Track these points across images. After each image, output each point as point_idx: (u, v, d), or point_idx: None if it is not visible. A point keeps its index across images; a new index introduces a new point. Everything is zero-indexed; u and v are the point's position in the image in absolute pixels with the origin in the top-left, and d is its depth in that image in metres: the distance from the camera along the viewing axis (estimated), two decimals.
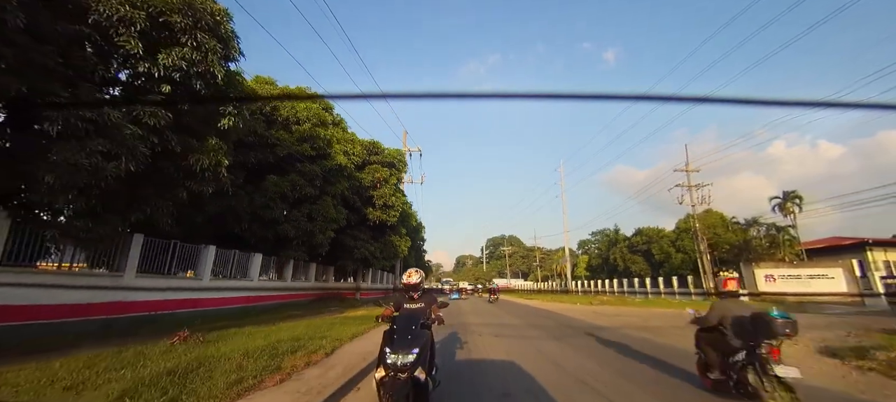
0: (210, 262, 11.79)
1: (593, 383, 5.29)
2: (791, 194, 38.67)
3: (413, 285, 4.31)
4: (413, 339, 3.56)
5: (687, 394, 4.83)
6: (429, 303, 4.25)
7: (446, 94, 1.31)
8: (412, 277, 4.36)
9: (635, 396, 4.76)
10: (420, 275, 4.43)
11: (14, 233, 6.62)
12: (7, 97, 5.24)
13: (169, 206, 8.15)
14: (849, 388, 5.24)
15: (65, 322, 7.58)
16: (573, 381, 5.41)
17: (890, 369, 6.13)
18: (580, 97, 1.29)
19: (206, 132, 8.30)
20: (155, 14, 6.42)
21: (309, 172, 15.44)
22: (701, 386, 4.93)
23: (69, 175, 5.93)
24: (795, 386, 3.70)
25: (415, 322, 3.75)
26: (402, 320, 3.80)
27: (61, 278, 7.69)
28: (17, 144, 5.95)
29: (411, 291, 4.31)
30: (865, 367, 6.31)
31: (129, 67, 6.72)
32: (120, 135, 6.32)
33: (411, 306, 4.19)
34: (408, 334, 3.61)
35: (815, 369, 6.29)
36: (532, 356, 7.21)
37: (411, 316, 3.87)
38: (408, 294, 4.33)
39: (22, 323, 6.87)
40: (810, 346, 8.32)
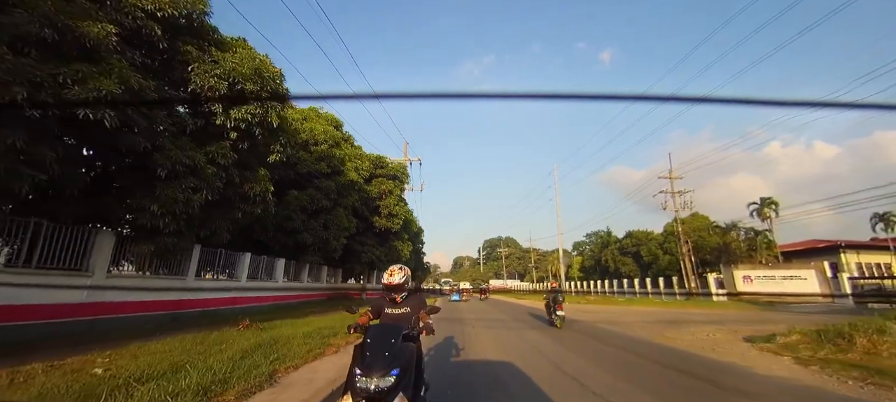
0: (246, 266, 13.92)
1: (545, 351, 7.52)
2: (767, 201, 41.20)
3: (395, 285, 3.53)
4: (392, 356, 2.79)
5: (576, 337, 7.03)
6: (415, 308, 3.55)
7: (442, 94, 1.31)
8: (394, 275, 3.57)
9: (566, 356, 6.99)
10: (404, 273, 3.62)
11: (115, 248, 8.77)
12: (137, 152, 7.38)
13: (227, 224, 10.28)
14: (745, 361, 7.43)
15: (146, 316, 9.69)
16: (531, 350, 7.64)
17: (782, 349, 8.37)
18: (577, 97, 1.25)
19: (258, 165, 10.46)
20: (233, 82, 8.57)
21: (325, 187, 17.58)
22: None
23: (169, 205, 8.07)
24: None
25: (395, 334, 3.00)
26: (379, 331, 3.06)
27: (145, 281, 9.81)
28: (132, 183, 8.06)
29: (393, 292, 3.56)
30: (765, 348, 8.54)
31: (210, 119, 8.85)
32: (204, 173, 8.48)
33: (393, 311, 3.55)
34: (385, 349, 2.85)
35: (730, 350, 8.45)
36: (511, 339, 9.40)
37: (391, 326, 3.19)
38: (389, 297, 3.61)
39: (121, 316, 8.98)
40: (737, 335, 10.55)
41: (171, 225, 8.45)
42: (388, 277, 3.57)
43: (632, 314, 18.71)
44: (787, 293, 32.73)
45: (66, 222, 7.67)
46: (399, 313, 3.53)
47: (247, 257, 13.97)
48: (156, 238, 8.52)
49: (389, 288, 3.54)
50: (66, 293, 7.72)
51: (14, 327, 6.73)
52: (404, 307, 3.56)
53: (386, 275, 3.62)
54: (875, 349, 7.38)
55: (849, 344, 7.67)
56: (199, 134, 8.77)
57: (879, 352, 7.27)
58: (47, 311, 7.33)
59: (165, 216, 8.18)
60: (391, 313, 3.55)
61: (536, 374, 5.83)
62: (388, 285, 3.54)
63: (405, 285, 3.58)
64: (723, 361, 7.29)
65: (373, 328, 3.10)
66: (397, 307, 3.57)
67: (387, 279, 3.57)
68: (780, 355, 7.88)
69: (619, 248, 62.09)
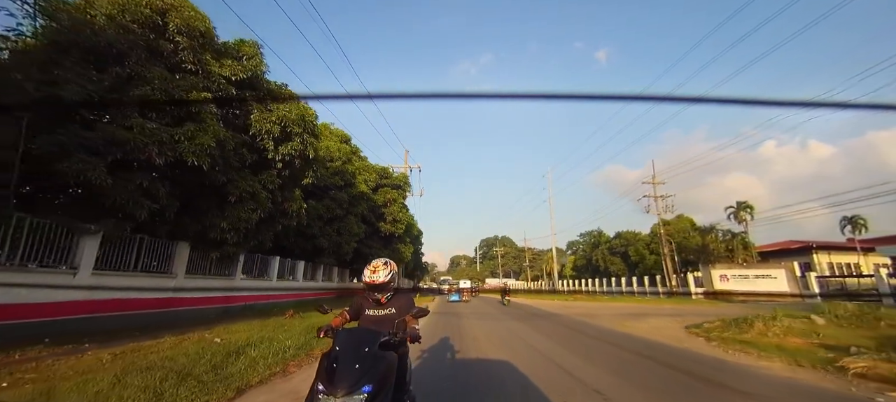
0: (276, 268, 16.34)
1: (521, 334, 10.05)
2: (743, 204, 44.11)
3: (379, 284, 2.96)
4: (364, 368, 2.30)
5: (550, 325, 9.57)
6: (401, 310, 3.06)
7: (440, 94, 1.20)
8: (378, 271, 2.98)
9: (536, 338, 9.51)
10: (390, 269, 3.04)
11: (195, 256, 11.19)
12: (217, 185, 9.80)
13: (270, 235, 12.72)
14: (670, 340, 9.98)
15: (208, 308, 12.10)
16: (509, 334, 10.15)
17: (704, 332, 10.92)
18: (575, 97, 1.20)
19: (294, 187, 12.89)
20: (284, 126, 10.99)
21: (339, 198, 19.99)
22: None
23: (235, 222, 10.50)
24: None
25: (369, 341, 2.50)
26: (350, 337, 2.54)
27: (208, 281, 12.22)
28: (208, 206, 10.47)
29: (377, 292, 3.03)
30: (692, 332, 11.10)
31: (263, 154, 11.28)
32: (258, 197, 10.92)
33: (375, 313, 3.07)
34: (356, 359, 2.35)
35: (667, 334, 10.98)
36: (498, 328, 11.92)
37: (364, 331, 2.74)
38: (371, 297, 3.07)
39: (193, 308, 11.38)
40: (682, 324, 13.12)
41: (234, 238, 10.89)
42: (371, 273, 2.95)
43: (608, 309, 21.33)
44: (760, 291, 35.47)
45: (160, 237, 10.07)
46: (381, 315, 3.03)
47: (277, 260, 16.38)
48: (222, 247, 10.97)
49: (372, 287, 2.96)
50: (160, 292, 10.15)
51: (134, 315, 9.16)
52: (388, 309, 3.05)
53: (367, 271, 2.98)
54: (766, 332, 9.97)
55: (749, 328, 10.27)
56: (255, 166, 11.19)
57: (767, 334, 9.86)
58: (150, 303, 9.75)
59: (231, 231, 10.61)
60: (372, 316, 3.05)
61: (504, 341, 8.34)
62: (371, 284, 2.94)
63: (391, 284, 3.01)
64: (653, 339, 9.86)
65: (343, 334, 2.55)
66: (380, 309, 3.06)
67: (369, 277, 2.94)
68: (699, 336, 10.46)
69: (608, 248, 64.84)
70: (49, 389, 4.13)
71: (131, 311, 9.23)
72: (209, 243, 10.87)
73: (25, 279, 7.15)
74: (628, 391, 5.09)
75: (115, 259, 9.00)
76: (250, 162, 11.01)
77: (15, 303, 6.92)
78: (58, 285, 7.66)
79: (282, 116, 10.95)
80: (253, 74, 10.67)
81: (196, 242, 10.93)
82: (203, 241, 10.92)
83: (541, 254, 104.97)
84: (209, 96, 8.90)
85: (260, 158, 11.33)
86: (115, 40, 8.27)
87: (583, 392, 4.94)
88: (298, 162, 11.97)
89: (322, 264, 21.31)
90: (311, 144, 11.77)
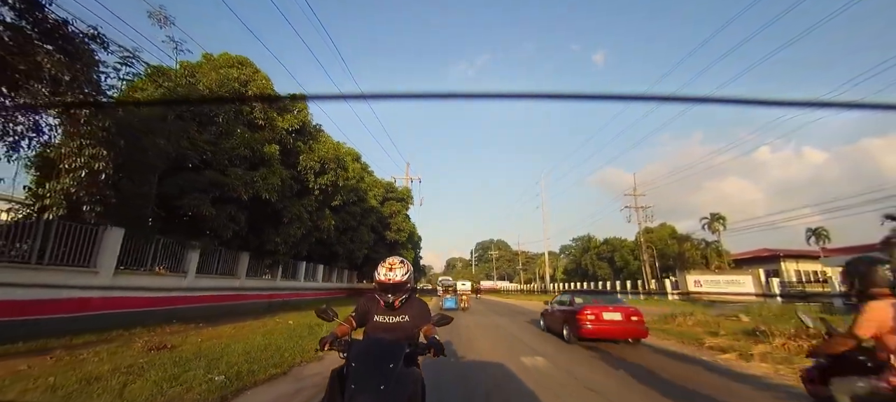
0: (303, 271, 19.63)
1: (503, 325, 13.43)
2: (716, 216, 47.95)
3: (395, 284, 2.48)
4: (390, 391, 1.86)
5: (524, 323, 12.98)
6: (418, 317, 2.55)
7: (437, 94, 1.20)
8: (395, 269, 2.52)
9: (514, 329, 12.88)
10: (406, 269, 2.58)
11: (251, 263, 14.49)
12: (277, 209, 13.10)
13: (306, 246, 16.03)
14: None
15: (259, 302, 15.35)
16: (493, 325, 13.54)
17: (659, 327, 14.35)
18: (572, 97, 1.19)
19: (326, 207, 16.22)
20: (323, 162, 14.31)
21: (353, 211, 23.28)
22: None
23: (286, 237, 13.81)
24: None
25: (393, 355, 2.02)
26: (368, 350, 2.07)
27: (258, 282, 15.48)
28: (265, 225, 13.76)
29: (391, 293, 2.51)
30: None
31: (305, 184, 14.61)
32: (302, 218, 14.23)
33: (386, 320, 2.53)
34: (378, 379, 1.89)
35: None
36: (484, 322, 15.29)
37: (386, 344, 2.15)
38: (382, 300, 2.54)
39: (249, 301, 14.62)
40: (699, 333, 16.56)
41: (283, 249, 14.21)
42: (386, 271, 2.50)
43: None
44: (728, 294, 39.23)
45: (230, 248, 13.36)
46: (394, 322, 2.51)
47: (303, 265, 19.66)
48: (274, 256, 14.27)
49: (386, 287, 2.49)
50: (230, 290, 13.43)
51: (216, 306, 12.44)
52: (401, 315, 2.54)
53: (382, 269, 2.53)
54: (683, 324, 13.42)
55: (672, 320, 13.74)
56: (299, 193, 14.52)
57: (686, 324, 13.30)
58: (224, 298, 13.03)
59: (282, 244, 13.93)
60: (382, 323, 2.52)
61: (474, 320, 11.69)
62: (386, 284, 2.48)
63: (407, 285, 2.56)
64: None
65: (359, 347, 2.08)
66: (393, 314, 2.53)
67: (384, 275, 2.49)
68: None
69: (596, 253, 68.54)
70: (225, 344, 7.40)
71: (214, 303, 12.50)
72: (265, 253, 14.18)
73: (155, 283, 10.40)
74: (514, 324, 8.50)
75: (206, 266, 12.27)
76: (296, 191, 14.34)
77: (154, 296, 10.19)
78: (176, 286, 10.93)
79: (321, 156, 14.31)
80: (302, 123, 14.04)
81: (254, 252, 14.22)
82: (260, 251, 14.22)
83: (535, 257, 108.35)
84: (277, 149, 12.23)
85: (302, 187, 14.67)
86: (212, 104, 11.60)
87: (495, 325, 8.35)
88: (331, 189, 15.32)
89: (337, 268, 24.61)
90: (342, 175, 15.14)
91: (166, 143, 10.25)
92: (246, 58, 12.99)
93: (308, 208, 14.56)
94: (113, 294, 8.75)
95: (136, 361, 5.66)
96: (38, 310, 7.30)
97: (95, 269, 8.31)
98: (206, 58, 12.68)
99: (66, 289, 7.77)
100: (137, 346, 6.76)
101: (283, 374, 5.39)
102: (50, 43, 5.94)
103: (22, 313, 7.03)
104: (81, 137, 6.13)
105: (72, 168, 6.07)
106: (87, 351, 6.31)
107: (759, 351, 7.95)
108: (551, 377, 5.91)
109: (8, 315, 6.78)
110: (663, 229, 56.80)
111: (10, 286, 6.79)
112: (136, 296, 9.53)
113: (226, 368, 5.23)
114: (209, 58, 12.71)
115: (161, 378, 4.60)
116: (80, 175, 6.11)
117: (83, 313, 8.09)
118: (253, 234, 13.54)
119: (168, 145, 10.22)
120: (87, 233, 7.97)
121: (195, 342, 7.38)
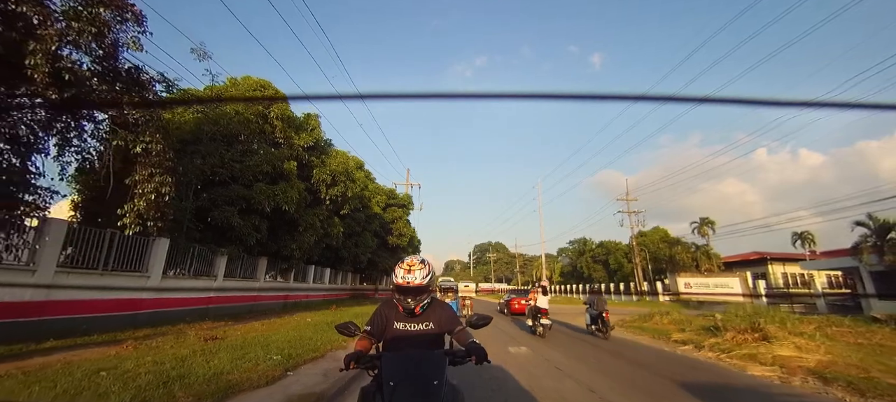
0: (312, 274, 21.05)
1: (494, 322, 14.86)
2: (705, 220, 49.60)
3: (415, 287, 2.21)
4: None
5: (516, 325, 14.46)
6: (442, 324, 2.31)
7: (432, 94, 1.14)
8: (414, 270, 2.24)
9: (503, 325, 14.32)
10: (428, 270, 2.27)
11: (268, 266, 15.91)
12: (295, 219, 14.54)
13: (318, 251, 17.46)
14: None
15: (275, 302, 16.74)
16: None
17: (624, 323, 15.83)
18: (571, 97, 1.16)
19: (335, 216, 17.66)
20: (334, 175, 15.76)
21: (357, 217, 24.70)
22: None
23: (301, 244, 15.24)
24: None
25: (434, 368, 1.87)
26: (405, 366, 1.88)
27: (273, 284, 16.89)
28: (282, 233, 15.18)
29: (411, 297, 2.23)
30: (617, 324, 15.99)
31: (317, 194, 16.06)
32: (314, 227, 15.67)
33: (408, 327, 2.28)
34: (425, 397, 1.75)
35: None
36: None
37: (426, 357, 1.97)
38: (403, 305, 2.25)
39: (266, 302, 16.02)
40: (617, 319, 18.06)
41: (298, 254, 15.64)
42: (404, 273, 2.22)
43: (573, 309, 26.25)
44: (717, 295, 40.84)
45: (251, 254, 14.77)
46: (418, 331, 2.25)
47: (313, 268, 21.08)
48: (289, 261, 15.70)
49: (406, 291, 2.21)
50: (251, 291, 14.84)
51: (239, 306, 13.85)
52: (425, 322, 2.28)
53: (400, 271, 2.25)
54: (662, 322, 14.90)
55: (650, 319, 15.22)
56: (312, 204, 15.96)
57: (662, 323, 14.78)
58: (245, 299, 14.43)
59: (297, 250, 15.36)
60: (404, 332, 2.26)
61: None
62: (405, 286, 2.20)
63: (430, 287, 2.27)
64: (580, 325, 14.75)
65: (393, 362, 1.89)
66: (415, 322, 2.27)
67: (402, 277, 2.21)
68: (620, 326, 15.41)
69: (592, 256, 70.13)
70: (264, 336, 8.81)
71: (239, 303, 13.92)
72: (281, 258, 15.62)
73: (191, 285, 11.80)
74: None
75: (231, 270, 13.68)
76: (310, 201, 15.78)
77: (191, 297, 11.59)
78: (207, 287, 12.34)
79: (332, 170, 15.78)
80: (316, 140, 15.50)
81: (272, 257, 15.65)
82: (277, 256, 15.66)
83: (532, 260, 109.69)
84: (295, 165, 13.69)
85: (315, 198, 16.13)
86: (238, 127, 13.06)
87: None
88: (340, 199, 16.78)
89: (342, 271, 26.01)
90: (350, 187, 16.61)
91: (202, 162, 11.72)
92: (268, 81, 14.45)
93: (320, 217, 15.99)
94: (162, 295, 10.17)
95: (199, 347, 7.08)
96: (105, 308, 8.72)
97: (147, 273, 9.74)
98: (232, 82, 14.14)
99: (126, 291, 9.20)
100: (192, 337, 8.19)
101: (321, 356, 6.82)
102: (125, 86, 7.37)
103: (93, 310, 8.45)
104: (151, 166, 7.53)
105: (143, 193, 7.48)
106: (153, 341, 7.72)
107: (709, 343, 9.43)
108: (530, 360, 7.38)
109: (85, 312, 8.21)
110: (656, 233, 58.47)
111: (82, 289, 8.20)
112: (178, 297, 10.95)
113: (276, 351, 6.66)
114: (234, 82, 14.17)
115: (232, 358, 6.02)
116: (150, 198, 7.51)
117: (139, 311, 9.52)
118: (272, 241, 14.95)
119: (203, 164, 11.69)
120: (141, 243, 9.40)
121: (238, 335, 8.81)
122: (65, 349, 6.59)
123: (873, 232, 23.34)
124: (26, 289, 7.12)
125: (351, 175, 16.63)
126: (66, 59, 6.02)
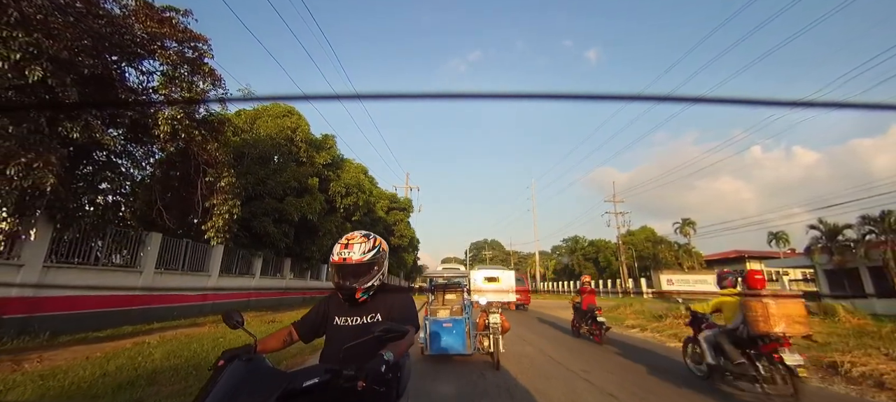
0: (325, 272, 23.59)
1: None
2: (687, 220, 52.72)
3: (353, 264, 1.78)
4: None
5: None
6: (393, 318, 1.76)
7: (428, 94, 1.10)
8: (353, 246, 1.82)
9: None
10: (371, 244, 1.86)
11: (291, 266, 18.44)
12: (316, 226, 17.08)
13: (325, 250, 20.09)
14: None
15: (297, 297, 19.26)
16: None
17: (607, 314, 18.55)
18: (569, 97, 1.13)
19: (348, 222, 20.21)
20: (348, 187, 18.28)
21: (363, 221, 27.20)
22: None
23: (320, 247, 17.78)
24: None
25: (262, 392, 1.24)
26: (232, 384, 1.25)
27: (296, 281, 19.42)
28: (303, 238, 17.70)
29: (349, 279, 1.80)
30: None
31: (333, 203, 18.60)
32: (332, 232, 18.21)
33: (348, 321, 1.84)
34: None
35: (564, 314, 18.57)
36: None
37: (262, 374, 1.35)
38: (341, 290, 1.82)
39: (290, 297, 18.53)
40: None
41: (317, 256, 18.18)
42: (341, 248, 1.81)
43: (559, 304, 29.05)
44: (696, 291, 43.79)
45: (279, 256, 17.28)
46: (360, 324, 1.81)
47: (325, 267, 23.63)
48: (310, 261, 18.26)
49: (343, 270, 1.79)
50: (278, 289, 17.37)
51: (270, 299, 16.38)
52: (370, 314, 1.83)
53: (336, 247, 1.84)
54: (625, 312, 17.61)
55: (616, 310, 17.94)
56: (328, 212, 18.50)
57: (625, 312, 17.48)
58: (274, 294, 16.96)
59: (317, 252, 17.90)
60: (345, 327, 1.84)
61: None
62: (342, 265, 1.78)
63: (374, 269, 1.83)
64: (559, 316, 17.44)
65: (231, 375, 1.29)
66: (358, 313, 1.84)
67: (338, 254, 1.80)
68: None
69: (583, 254, 73.21)
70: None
71: (271, 298, 16.45)
72: (303, 259, 18.18)
73: (236, 283, 14.29)
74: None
75: (263, 270, 16.19)
76: (327, 210, 18.32)
77: (237, 293, 14.10)
78: (244, 286, 14.86)
79: (346, 183, 18.32)
80: (333, 158, 18.04)
81: (295, 258, 18.19)
82: (299, 258, 18.20)
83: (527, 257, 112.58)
84: (316, 181, 16.22)
85: (331, 207, 18.67)
86: (271, 149, 15.55)
87: None
88: (352, 207, 19.32)
89: None
90: (361, 197, 19.16)
91: (245, 181, 14.23)
92: (293, 108, 16.95)
93: (335, 223, 18.52)
94: (218, 291, 12.70)
95: (265, 329, 9.61)
96: (185, 300, 11.26)
97: (209, 274, 12.26)
98: (263, 108, 16.60)
99: (195, 290, 11.72)
100: (255, 325, 10.73)
101: None
102: (207, 132, 9.87)
103: (179, 301, 10.97)
104: (225, 193, 10.03)
105: (220, 213, 9.98)
106: (216, 327, 10.24)
107: (652, 327, 12.14)
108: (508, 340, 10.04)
109: (174, 303, 10.73)
110: (642, 232, 61.53)
111: (169, 290, 10.71)
112: (229, 292, 13.48)
113: None
114: (265, 108, 16.63)
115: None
116: (225, 217, 10.01)
117: (205, 302, 12.06)
118: (296, 244, 17.49)
119: (246, 182, 14.20)
120: (203, 250, 11.91)
121: (286, 319, 11.37)
122: (165, 329, 9.12)
123: (823, 235, 26.25)
124: (136, 287, 9.63)
125: (361, 186, 19.18)
126: (178, 121, 8.52)
